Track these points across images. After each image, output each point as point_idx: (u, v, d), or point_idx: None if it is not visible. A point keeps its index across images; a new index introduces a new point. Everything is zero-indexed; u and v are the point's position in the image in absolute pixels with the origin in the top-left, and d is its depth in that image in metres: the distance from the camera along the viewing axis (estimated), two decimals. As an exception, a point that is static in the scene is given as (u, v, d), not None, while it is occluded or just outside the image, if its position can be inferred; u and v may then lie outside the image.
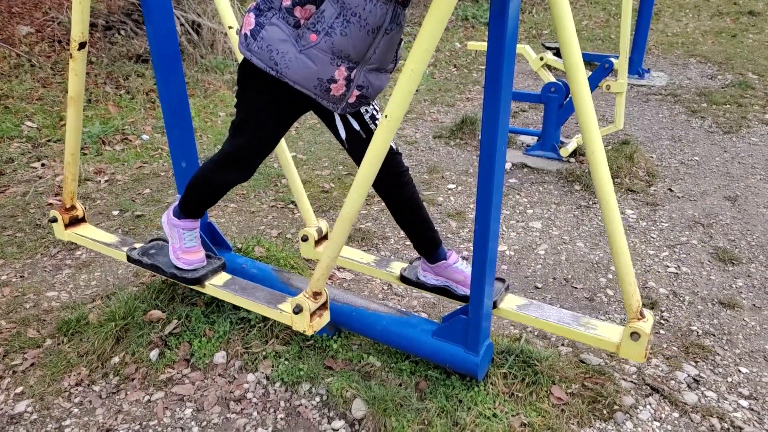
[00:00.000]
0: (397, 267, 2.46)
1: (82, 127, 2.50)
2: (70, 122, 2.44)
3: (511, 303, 2.22)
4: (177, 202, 2.27)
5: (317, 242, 2.63)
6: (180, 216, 2.24)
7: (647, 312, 1.93)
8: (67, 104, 2.42)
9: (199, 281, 2.22)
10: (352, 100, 1.87)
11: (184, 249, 2.25)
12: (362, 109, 2.01)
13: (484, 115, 1.77)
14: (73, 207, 2.67)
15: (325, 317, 2.03)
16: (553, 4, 1.60)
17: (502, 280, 2.29)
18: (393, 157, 2.06)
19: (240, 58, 2.44)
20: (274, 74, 1.77)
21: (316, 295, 1.96)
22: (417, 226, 2.21)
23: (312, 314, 1.94)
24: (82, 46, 2.24)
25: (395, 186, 2.11)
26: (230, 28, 2.44)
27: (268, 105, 1.90)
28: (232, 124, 1.99)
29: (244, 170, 2.05)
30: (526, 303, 2.23)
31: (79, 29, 2.21)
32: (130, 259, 2.40)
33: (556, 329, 2.10)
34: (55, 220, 2.63)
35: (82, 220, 2.72)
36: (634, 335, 1.89)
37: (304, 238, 2.62)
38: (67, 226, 2.64)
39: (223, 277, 2.27)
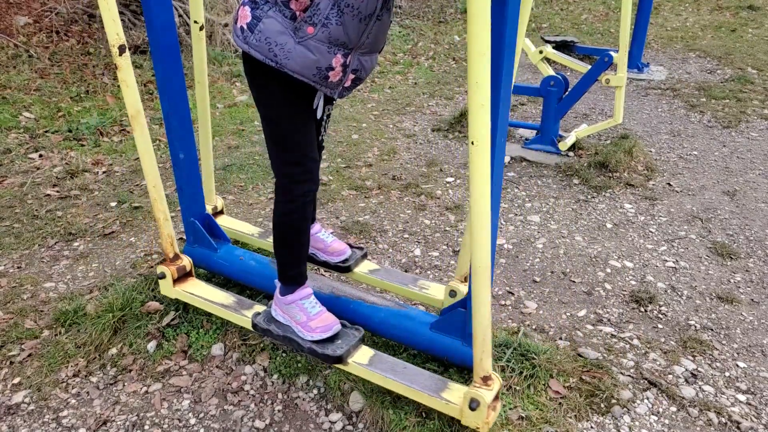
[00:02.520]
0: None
1: (151, 149, 2.20)
2: (140, 146, 2.15)
3: (364, 268, 2.58)
4: (277, 289, 2.16)
5: (215, 214, 2.90)
6: (287, 291, 2.11)
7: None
8: (131, 125, 2.13)
9: (341, 359, 1.99)
10: (348, 84, 1.92)
11: (312, 317, 2.08)
12: (327, 108, 2.14)
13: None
14: (177, 256, 2.37)
15: (499, 407, 1.83)
16: None
17: (361, 248, 2.62)
18: (319, 145, 2.28)
19: (191, 49, 2.50)
20: (273, 65, 1.80)
21: (486, 380, 1.75)
22: None
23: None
24: (122, 50, 1.98)
25: None
26: (195, 22, 2.50)
27: (279, 96, 1.91)
28: (267, 145, 1.98)
29: (304, 176, 1.97)
30: (377, 268, 2.60)
31: (113, 31, 1.96)
32: (256, 327, 2.17)
33: (396, 289, 2.50)
34: (163, 276, 2.35)
35: (189, 273, 2.44)
36: (452, 292, 2.32)
37: None
38: (175, 281, 2.37)
39: (366, 352, 2.07)
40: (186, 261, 2.43)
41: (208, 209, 2.78)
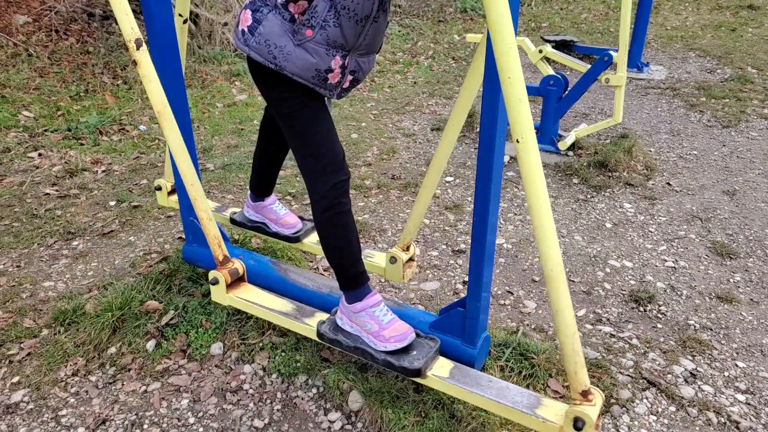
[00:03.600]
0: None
1: (184, 145, 2.06)
2: (172, 143, 2.02)
3: (313, 239, 2.60)
4: (342, 297, 2.02)
5: (170, 193, 2.85)
6: (354, 299, 1.97)
7: (414, 248, 2.43)
8: (159, 121, 2.00)
9: (420, 373, 1.86)
10: (346, 85, 1.93)
11: (384, 326, 1.93)
12: None
13: (483, 107, 1.77)
14: (227, 259, 2.20)
15: (600, 424, 1.69)
16: None
17: (312, 221, 2.63)
18: None
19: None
20: (273, 67, 1.81)
21: (586, 394, 1.58)
22: (270, 173, 2.54)
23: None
24: (139, 44, 1.86)
25: (281, 139, 2.37)
26: (180, 15, 2.50)
27: (283, 95, 1.91)
28: (289, 144, 1.94)
29: (328, 167, 1.88)
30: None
31: (127, 26, 1.86)
32: (323, 337, 2.02)
33: None
34: (216, 282, 2.18)
35: (242, 278, 2.26)
36: (393, 259, 2.37)
37: (158, 188, 2.83)
38: (228, 287, 2.20)
39: (445, 365, 1.93)
40: (238, 264, 2.24)
41: (165, 184, 2.81)
